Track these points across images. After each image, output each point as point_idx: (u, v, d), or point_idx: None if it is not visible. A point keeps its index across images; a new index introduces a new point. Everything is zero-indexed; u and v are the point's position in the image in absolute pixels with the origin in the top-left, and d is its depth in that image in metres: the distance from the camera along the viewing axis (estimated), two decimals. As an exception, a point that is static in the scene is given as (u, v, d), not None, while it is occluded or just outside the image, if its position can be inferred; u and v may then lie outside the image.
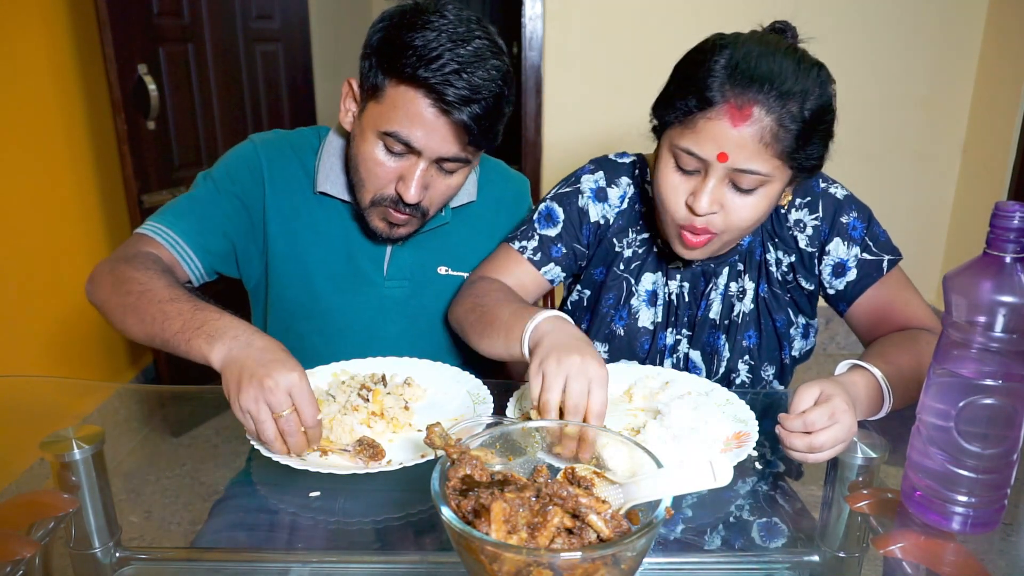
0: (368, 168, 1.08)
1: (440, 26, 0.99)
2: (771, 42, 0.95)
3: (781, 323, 1.15)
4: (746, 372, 1.15)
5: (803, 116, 0.91)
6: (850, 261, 1.10)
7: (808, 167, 0.97)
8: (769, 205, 0.99)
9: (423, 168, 1.06)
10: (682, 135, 0.96)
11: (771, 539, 0.82)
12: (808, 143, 0.93)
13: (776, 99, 0.90)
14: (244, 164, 1.18)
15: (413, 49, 0.98)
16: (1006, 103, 2.80)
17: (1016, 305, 0.65)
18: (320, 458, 0.88)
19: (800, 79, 0.91)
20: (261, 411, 0.83)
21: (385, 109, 1.03)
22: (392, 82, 1.01)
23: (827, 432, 0.80)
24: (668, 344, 1.17)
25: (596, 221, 1.18)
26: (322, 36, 3.79)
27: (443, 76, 0.97)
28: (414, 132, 1.02)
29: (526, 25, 2.86)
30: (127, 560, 0.77)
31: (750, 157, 0.92)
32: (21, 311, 2.12)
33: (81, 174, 2.39)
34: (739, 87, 0.91)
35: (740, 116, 0.91)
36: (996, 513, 0.72)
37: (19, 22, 2.09)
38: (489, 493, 0.57)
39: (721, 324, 1.15)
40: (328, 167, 1.19)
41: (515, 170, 1.37)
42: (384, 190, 1.09)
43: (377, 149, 1.06)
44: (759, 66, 0.91)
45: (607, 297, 1.18)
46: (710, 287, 1.15)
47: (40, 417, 1.09)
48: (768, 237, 1.14)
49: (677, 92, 0.96)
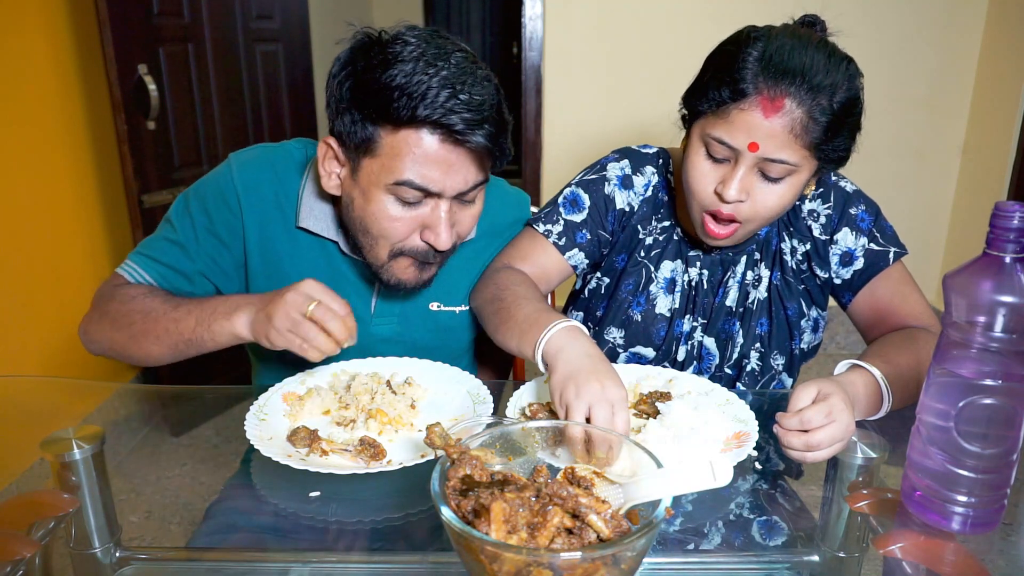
0: (383, 227, 0.99)
1: (410, 54, 0.91)
2: (803, 35, 0.97)
3: (793, 312, 1.16)
4: (756, 360, 1.16)
5: (832, 109, 0.93)
6: (857, 250, 1.12)
7: (835, 159, 0.99)
8: (794, 195, 1.01)
9: (447, 209, 0.98)
10: (715, 125, 0.98)
11: (771, 539, 0.82)
12: (836, 135, 0.96)
13: (807, 92, 0.93)
14: (220, 197, 1.09)
15: (398, 89, 0.89)
16: (1006, 103, 2.80)
17: (1016, 305, 0.65)
18: (320, 458, 0.88)
19: (831, 72, 0.94)
20: (294, 318, 0.88)
21: (387, 160, 0.94)
22: (386, 131, 0.93)
23: (824, 430, 0.80)
24: (685, 331, 1.18)
25: (622, 208, 1.19)
26: (322, 36, 3.79)
27: (443, 107, 0.89)
28: (430, 174, 0.94)
29: (526, 25, 2.86)
30: (127, 560, 0.77)
31: (780, 147, 0.95)
32: (21, 311, 2.12)
33: (81, 174, 2.39)
34: (772, 79, 0.93)
35: (772, 108, 0.93)
36: (996, 513, 0.72)
37: (19, 22, 2.09)
38: (489, 493, 0.57)
39: (736, 311, 1.17)
40: (312, 200, 1.10)
41: (513, 186, 1.30)
42: (406, 243, 1.01)
43: (389, 205, 0.97)
44: (792, 59, 0.93)
45: (626, 283, 1.19)
46: (728, 275, 1.17)
47: (40, 417, 1.09)
48: (784, 227, 1.17)
49: (711, 82, 0.98)
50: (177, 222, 1.11)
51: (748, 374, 1.16)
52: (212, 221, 1.10)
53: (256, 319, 0.93)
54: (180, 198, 1.13)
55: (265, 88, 2.85)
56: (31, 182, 2.15)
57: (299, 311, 0.89)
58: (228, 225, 1.10)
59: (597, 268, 1.25)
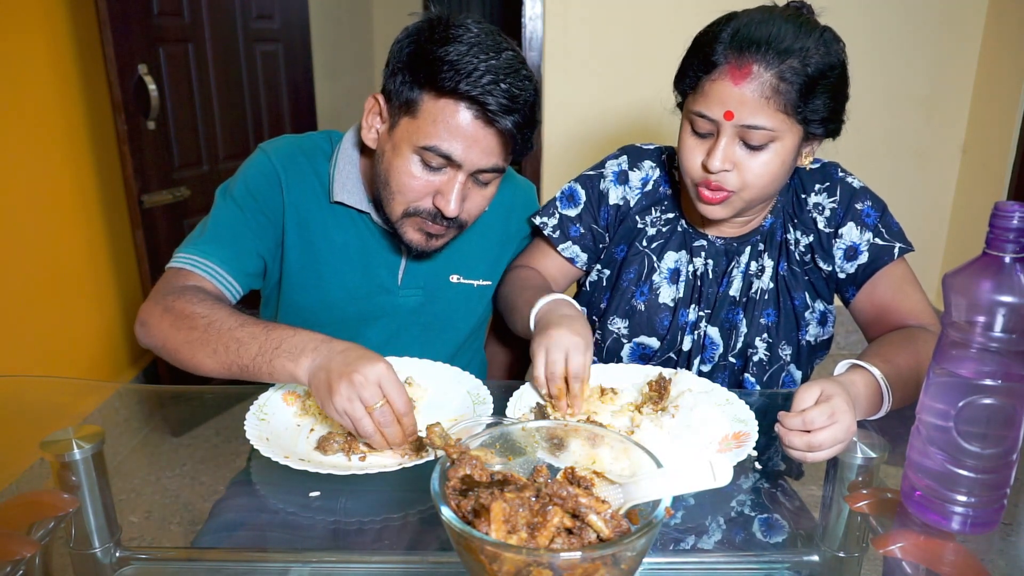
0: (403, 182, 1.07)
1: (469, 39, 1.00)
2: (775, 11, 1.01)
3: (799, 302, 1.17)
4: (764, 350, 1.17)
5: (805, 72, 0.96)
6: (862, 245, 1.13)
7: (818, 121, 1.01)
8: (782, 163, 1.02)
9: (462, 181, 1.05)
10: (694, 100, 1.03)
11: (771, 539, 0.82)
12: (812, 96, 0.98)
13: (775, 56, 0.96)
14: (262, 177, 1.16)
15: (449, 63, 0.98)
16: (1006, 103, 2.80)
17: (1016, 305, 0.65)
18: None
19: (800, 38, 0.97)
20: (356, 408, 0.85)
21: (423, 123, 1.02)
22: (430, 96, 1.01)
23: (826, 431, 0.81)
24: (690, 321, 1.19)
25: (616, 203, 1.23)
26: (322, 36, 3.79)
27: (483, 87, 0.98)
28: (455, 145, 1.02)
29: (526, 25, 2.86)
30: (127, 560, 0.77)
31: (754, 112, 0.97)
32: (21, 311, 2.12)
33: (81, 174, 2.39)
34: (738, 48, 0.98)
35: (740, 74, 0.97)
36: (996, 513, 0.72)
37: (19, 22, 2.09)
38: (489, 493, 0.57)
39: (740, 301, 1.17)
40: (344, 176, 1.18)
41: (520, 175, 1.38)
42: (419, 203, 1.08)
43: (413, 164, 1.05)
44: (759, 29, 0.98)
45: (628, 272, 1.21)
46: (732, 265, 1.18)
47: (40, 417, 1.09)
48: (788, 218, 1.18)
49: (688, 62, 1.05)
50: (224, 210, 1.16)
51: (756, 364, 1.16)
52: (257, 200, 1.15)
53: (317, 375, 0.89)
54: (219, 192, 1.19)
55: (265, 88, 2.86)
56: (31, 182, 2.15)
57: (363, 402, 0.85)
58: (272, 203, 1.16)
59: (598, 261, 1.27)
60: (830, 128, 1.03)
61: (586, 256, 1.26)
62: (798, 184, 1.18)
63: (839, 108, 1.03)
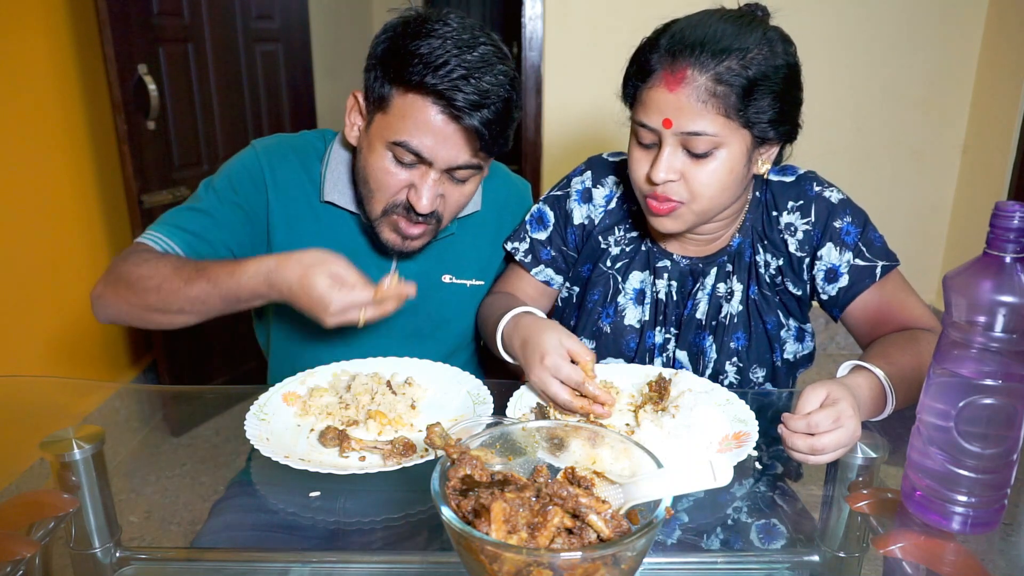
0: (378, 178, 1.07)
1: (445, 33, 0.99)
2: (715, 13, 0.98)
3: (772, 325, 1.13)
4: (734, 374, 1.14)
5: (745, 73, 0.93)
6: (842, 267, 1.08)
7: (765, 124, 0.97)
8: (730, 171, 0.98)
9: (434, 178, 1.05)
10: (636, 111, 1.02)
11: (771, 539, 0.82)
12: (754, 98, 0.94)
13: (711, 57, 0.93)
14: (246, 173, 1.16)
15: (419, 57, 0.97)
16: (1006, 103, 2.80)
17: (1016, 305, 0.65)
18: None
19: (740, 37, 0.94)
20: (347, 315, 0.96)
21: (393, 119, 1.02)
22: (399, 91, 1.01)
23: (830, 435, 0.80)
24: (657, 343, 1.17)
25: (581, 223, 1.21)
26: (322, 36, 3.79)
27: (451, 82, 0.97)
28: (424, 141, 1.01)
29: (526, 25, 2.86)
30: (127, 560, 0.77)
31: (692, 118, 0.95)
32: (21, 311, 2.12)
33: (81, 174, 2.39)
34: (672, 54, 0.95)
35: (674, 80, 0.95)
36: (996, 513, 0.72)
37: (19, 22, 2.09)
38: (489, 493, 0.57)
39: (708, 324, 1.14)
40: (336, 176, 1.18)
41: (515, 174, 1.37)
42: (395, 198, 1.08)
43: (386, 160, 1.05)
44: (693, 33, 0.95)
45: (592, 293, 1.19)
46: (697, 287, 1.14)
47: (40, 417, 1.08)
48: (758, 239, 1.13)
49: (627, 72, 1.04)
50: (203, 195, 1.15)
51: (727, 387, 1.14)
52: (238, 194, 1.15)
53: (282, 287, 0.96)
54: (204, 181, 1.19)
55: (265, 88, 2.85)
56: (31, 182, 2.15)
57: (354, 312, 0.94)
58: (253, 200, 1.16)
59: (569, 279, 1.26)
60: (781, 132, 0.99)
61: (561, 278, 1.24)
62: (770, 200, 1.12)
63: (788, 110, 0.98)
